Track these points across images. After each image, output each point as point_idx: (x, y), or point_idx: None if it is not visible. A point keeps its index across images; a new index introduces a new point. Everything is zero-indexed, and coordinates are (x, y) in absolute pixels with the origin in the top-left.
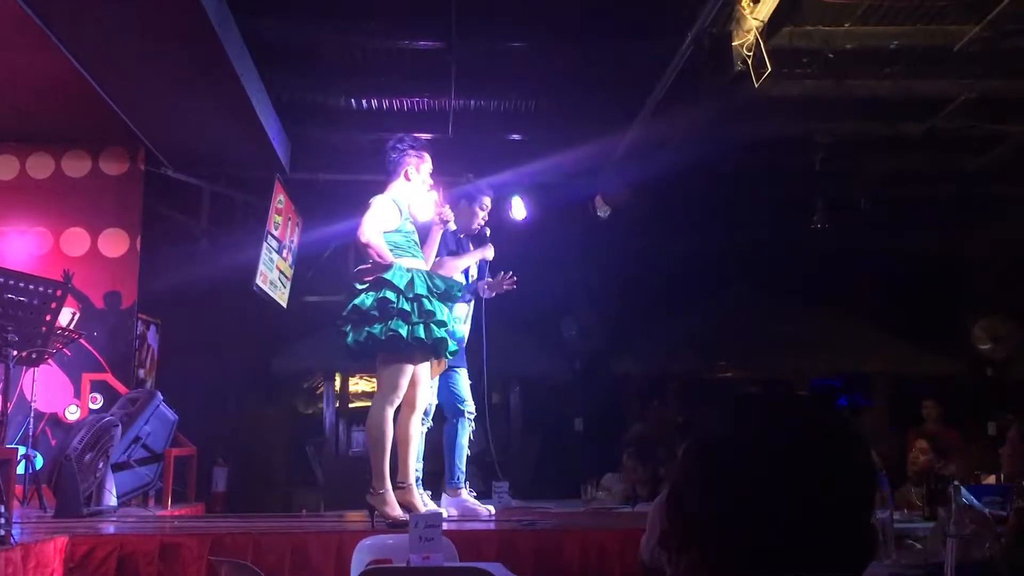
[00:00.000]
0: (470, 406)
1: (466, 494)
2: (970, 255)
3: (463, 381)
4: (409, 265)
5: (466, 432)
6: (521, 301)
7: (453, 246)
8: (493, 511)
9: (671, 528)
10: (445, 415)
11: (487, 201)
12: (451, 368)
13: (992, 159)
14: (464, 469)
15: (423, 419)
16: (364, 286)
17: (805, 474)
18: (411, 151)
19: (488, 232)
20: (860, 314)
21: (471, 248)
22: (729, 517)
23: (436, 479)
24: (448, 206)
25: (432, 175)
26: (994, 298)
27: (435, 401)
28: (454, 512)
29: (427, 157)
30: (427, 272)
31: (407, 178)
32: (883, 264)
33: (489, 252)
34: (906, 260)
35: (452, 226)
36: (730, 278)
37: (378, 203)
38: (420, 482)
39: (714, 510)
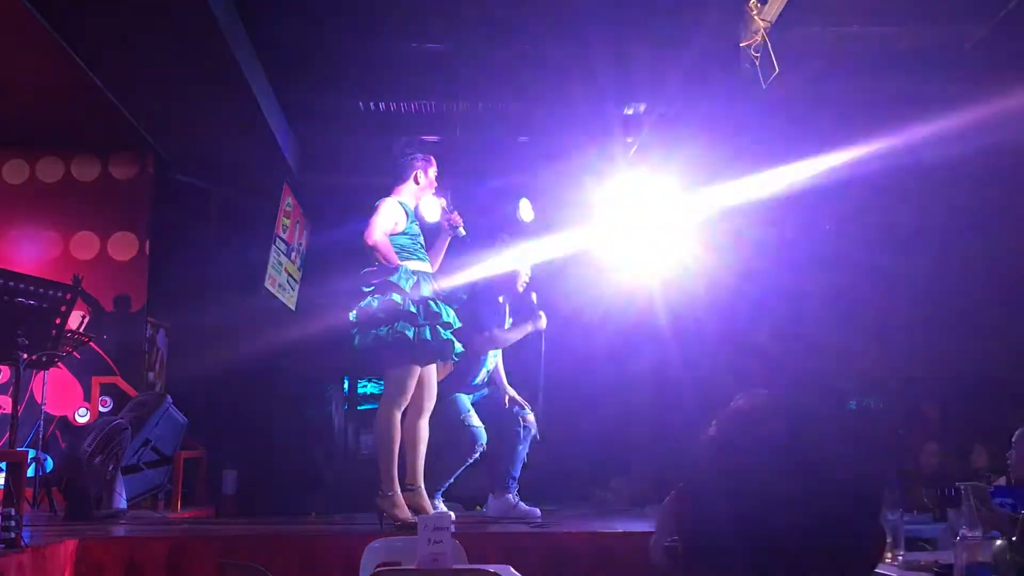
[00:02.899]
0: (524, 409)
1: (513, 498)
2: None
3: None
4: (415, 268)
5: (526, 439)
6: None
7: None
8: (539, 514)
9: (677, 530)
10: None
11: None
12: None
13: None
14: (517, 476)
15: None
16: (370, 288)
17: (811, 477)
18: (419, 155)
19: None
20: (871, 316)
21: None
22: (736, 520)
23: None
24: (457, 212)
25: (438, 179)
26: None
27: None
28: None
29: (433, 161)
30: (432, 275)
31: (416, 182)
32: (893, 266)
33: (542, 322)
34: (916, 262)
35: (462, 232)
36: (738, 282)
37: (385, 206)
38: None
39: (720, 513)
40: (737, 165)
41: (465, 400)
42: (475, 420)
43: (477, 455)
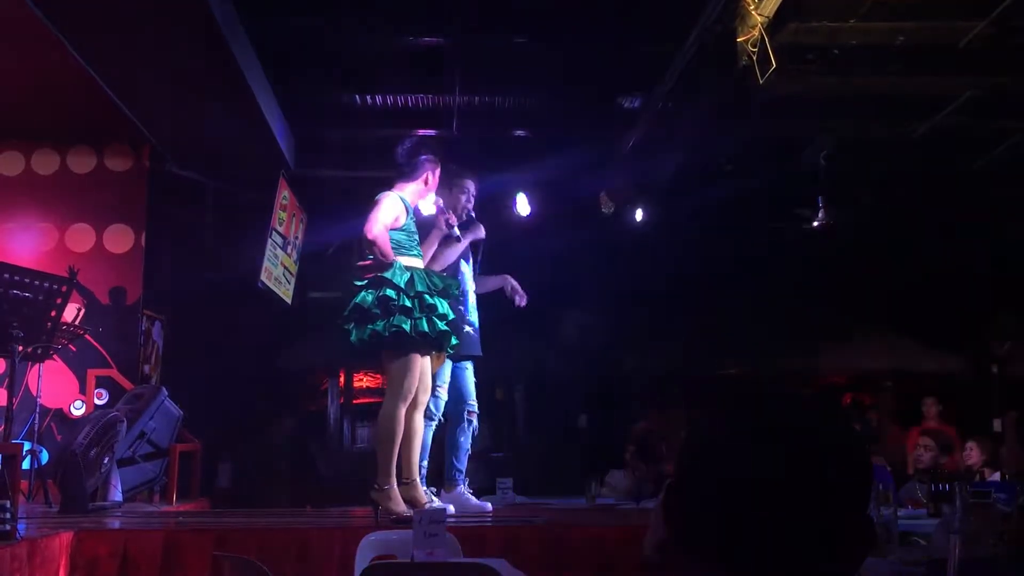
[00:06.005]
0: (474, 405)
1: (464, 488)
2: (975, 253)
3: (470, 378)
4: (409, 264)
5: (468, 431)
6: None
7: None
8: (490, 508)
9: (668, 527)
10: (447, 414)
11: (470, 185)
12: (459, 365)
13: (998, 155)
14: (463, 468)
15: (434, 415)
16: (363, 283)
17: (799, 472)
18: (431, 157)
19: (474, 215)
20: (865, 312)
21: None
22: (725, 516)
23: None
24: (451, 213)
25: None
26: (999, 296)
27: (446, 398)
28: (451, 509)
29: (440, 163)
30: (426, 271)
31: (425, 183)
32: (888, 262)
33: (479, 232)
34: (910, 258)
35: (456, 232)
36: (735, 275)
37: (387, 200)
38: (424, 479)
39: (710, 510)
40: None
41: (444, 371)
42: (442, 392)
43: (433, 423)
